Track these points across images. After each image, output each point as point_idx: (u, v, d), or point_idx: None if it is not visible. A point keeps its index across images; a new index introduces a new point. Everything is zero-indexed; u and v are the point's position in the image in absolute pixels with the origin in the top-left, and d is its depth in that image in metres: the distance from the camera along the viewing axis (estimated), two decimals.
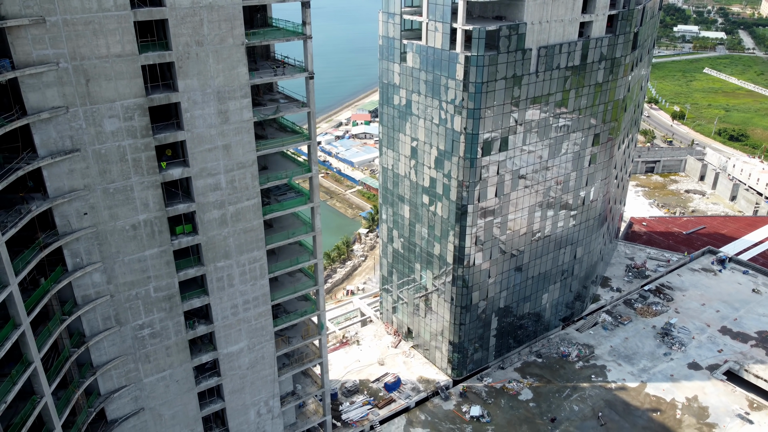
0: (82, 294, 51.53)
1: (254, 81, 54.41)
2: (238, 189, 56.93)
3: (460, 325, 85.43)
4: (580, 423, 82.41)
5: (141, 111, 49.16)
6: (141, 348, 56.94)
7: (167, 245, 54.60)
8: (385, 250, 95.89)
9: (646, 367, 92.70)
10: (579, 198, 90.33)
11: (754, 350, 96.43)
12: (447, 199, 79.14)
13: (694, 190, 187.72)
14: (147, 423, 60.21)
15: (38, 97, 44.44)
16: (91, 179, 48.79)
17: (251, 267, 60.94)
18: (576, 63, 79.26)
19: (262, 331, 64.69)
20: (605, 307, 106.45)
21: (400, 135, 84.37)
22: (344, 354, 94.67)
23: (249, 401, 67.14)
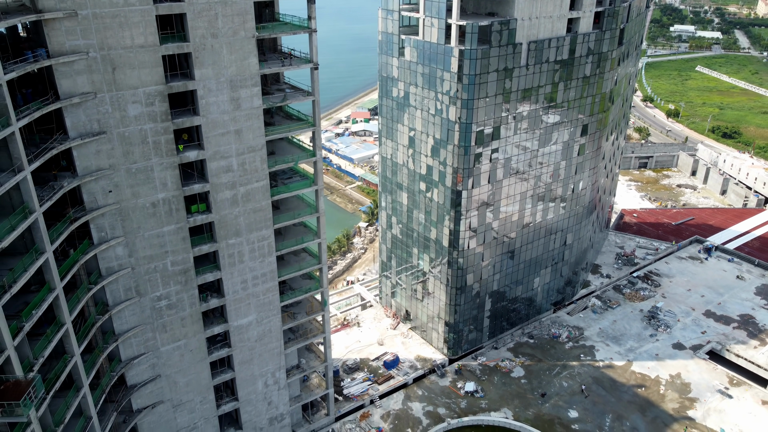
0: (106, 266, 56.19)
1: (264, 71, 59.07)
2: (249, 171, 61.58)
3: (455, 306, 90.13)
4: (569, 398, 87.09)
5: (161, 97, 53.84)
6: (158, 318, 61.59)
7: (183, 222, 59.27)
8: (385, 236, 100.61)
9: (633, 347, 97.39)
10: (568, 186, 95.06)
11: (735, 332, 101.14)
12: (443, 186, 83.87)
13: (686, 184, 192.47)
14: (163, 389, 64.84)
15: (70, 83, 49.08)
16: (116, 160, 53.45)
17: (260, 245, 65.57)
18: (564, 57, 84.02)
19: (270, 305, 69.31)
20: (595, 293, 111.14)
21: (398, 125, 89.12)
22: (345, 335, 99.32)
23: (257, 372, 71.75)
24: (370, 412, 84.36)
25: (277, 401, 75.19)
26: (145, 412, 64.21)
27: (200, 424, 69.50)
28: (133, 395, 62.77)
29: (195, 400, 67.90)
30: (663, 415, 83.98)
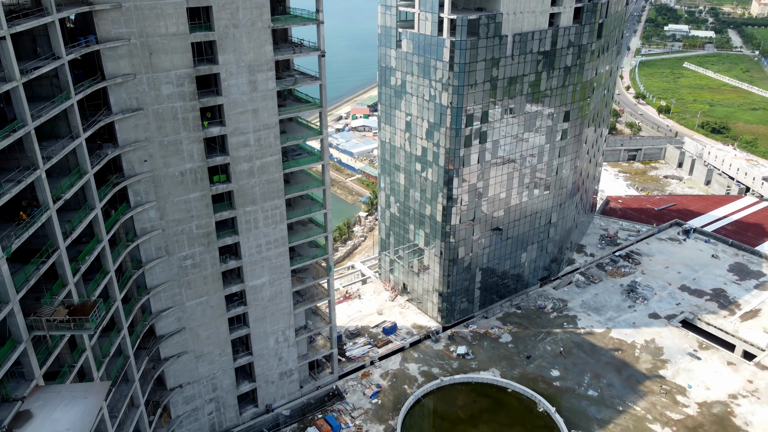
0: (140, 227, 64.55)
1: (277, 57, 67.45)
2: (264, 146, 69.93)
3: (448, 278, 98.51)
4: (552, 360, 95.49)
5: (190, 79, 62.21)
6: (184, 276, 69.91)
7: (207, 190, 67.62)
8: (384, 215, 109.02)
9: (612, 317, 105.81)
10: (552, 168, 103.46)
11: (707, 303, 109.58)
12: (436, 165, 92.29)
13: (672, 175, 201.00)
14: (187, 340, 73.12)
15: (114, 65, 57.45)
16: (151, 133, 61.81)
17: (273, 213, 73.90)
18: (547, 48, 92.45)
19: (281, 269, 77.63)
20: (579, 269, 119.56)
21: (396, 111, 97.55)
22: (347, 306, 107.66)
23: (269, 329, 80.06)
24: (371, 371, 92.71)
25: (286, 357, 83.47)
26: (171, 361, 72.50)
27: (219, 374, 77.78)
28: (161, 344, 71.06)
29: (215, 352, 76.18)
30: (636, 374, 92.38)
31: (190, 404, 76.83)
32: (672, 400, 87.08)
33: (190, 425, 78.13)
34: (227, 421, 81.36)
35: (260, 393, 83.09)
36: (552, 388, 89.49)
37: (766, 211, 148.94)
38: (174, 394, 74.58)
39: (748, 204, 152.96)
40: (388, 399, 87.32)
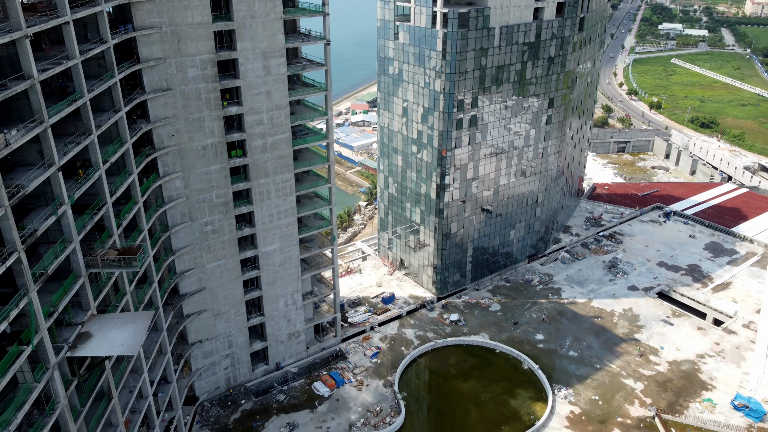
0: (168, 194, 73.12)
1: (288, 45, 76.00)
2: (275, 125, 78.50)
3: (442, 251, 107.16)
4: (537, 326, 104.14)
5: (212, 63, 70.79)
6: (205, 240, 78.48)
7: (225, 163, 76.17)
8: (382, 195, 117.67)
9: (594, 289, 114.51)
10: (538, 151, 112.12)
11: (683, 277, 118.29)
12: (431, 147, 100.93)
13: (659, 166, 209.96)
14: (206, 299, 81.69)
15: (147, 50, 66.01)
16: (178, 111, 70.37)
17: (283, 185, 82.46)
18: (531, 40, 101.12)
19: (290, 237, 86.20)
20: (565, 248, 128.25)
21: (394, 98, 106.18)
22: (349, 280, 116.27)
23: (279, 293, 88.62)
24: (371, 335, 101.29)
25: (294, 319, 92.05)
26: (192, 318, 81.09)
27: (234, 332, 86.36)
28: (184, 302, 79.64)
29: (231, 311, 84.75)
30: (614, 338, 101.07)
31: (208, 359, 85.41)
32: (645, 360, 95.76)
33: (208, 378, 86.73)
34: (241, 376, 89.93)
35: (271, 351, 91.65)
36: (536, 349, 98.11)
37: (743, 196, 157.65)
38: (194, 348, 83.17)
39: (727, 190, 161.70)
40: (387, 359, 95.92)
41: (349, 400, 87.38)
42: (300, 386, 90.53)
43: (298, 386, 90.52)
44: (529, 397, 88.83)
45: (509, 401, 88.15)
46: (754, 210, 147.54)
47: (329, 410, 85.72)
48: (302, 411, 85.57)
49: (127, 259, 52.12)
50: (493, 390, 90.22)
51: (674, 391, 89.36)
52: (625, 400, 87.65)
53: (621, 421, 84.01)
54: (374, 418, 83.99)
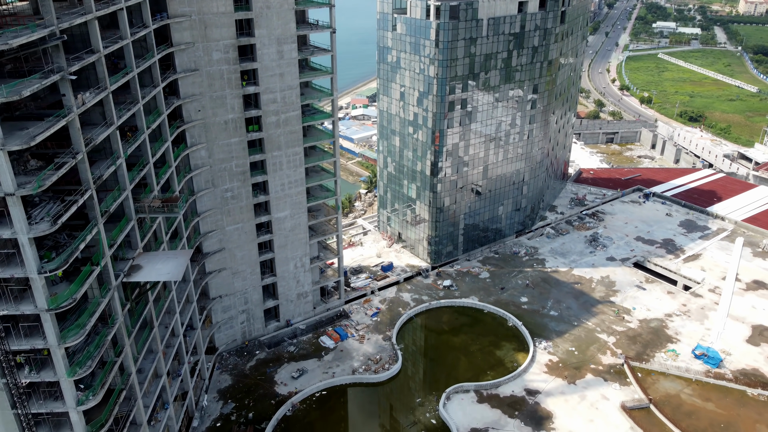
0: (194, 163, 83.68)
1: (299, 32, 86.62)
2: (287, 103, 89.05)
3: (436, 223, 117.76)
4: (522, 290, 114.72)
5: (233, 48, 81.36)
6: (225, 205, 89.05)
7: (244, 137, 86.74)
8: (382, 174, 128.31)
9: (575, 259, 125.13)
10: (524, 133, 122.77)
11: (657, 250, 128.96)
12: (425, 127, 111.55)
13: (645, 155, 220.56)
14: (226, 258, 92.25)
15: (179, 36, 76.60)
16: (203, 89, 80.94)
17: (293, 158, 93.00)
18: (516, 31, 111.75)
19: (299, 205, 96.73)
20: (550, 224, 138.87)
21: (392, 84, 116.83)
22: (351, 251, 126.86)
23: (289, 255, 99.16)
24: (371, 298, 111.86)
25: (303, 281, 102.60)
26: (213, 274, 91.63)
27: (249, 290, 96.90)
28: (207, 260, 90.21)
29: (247, 270, 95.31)
30: (591, 300, 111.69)
31: (227, 313, 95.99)
32: (618, 318, 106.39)
33: (227, 331, 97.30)
34: (255, 331, 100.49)
35: (282, 309, 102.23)
36: (520, 309, 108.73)
37: (720, 180, 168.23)
38: (215, 303, 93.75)
39: (705, 175, 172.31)
40: (386, 317, 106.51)
41: (352, 351, 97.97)
42: (308, 340, 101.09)
43: (306, 340, 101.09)
44: (513, 349, 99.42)
45: (495, 352, 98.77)
46: (728, 192, 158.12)
47: (334, 359, 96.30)
48: (310, 360, 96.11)
49: (169, 205, 62.74)
50: (480, 343, 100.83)
51: (643, 343, 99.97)
52: (598, 351, 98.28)
53: (594, 367, 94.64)
54: (374, 365, 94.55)
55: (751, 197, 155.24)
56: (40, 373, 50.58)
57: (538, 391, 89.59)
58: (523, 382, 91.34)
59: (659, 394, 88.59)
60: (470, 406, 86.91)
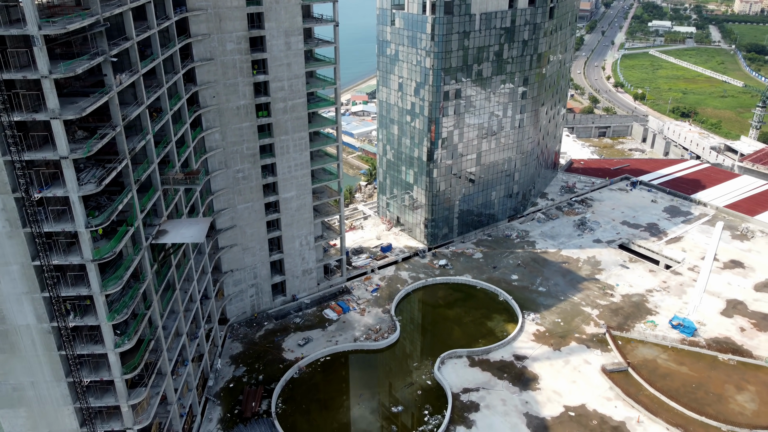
0: (209, 145, 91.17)
1: (305, 25, 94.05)
2: (294, 91, 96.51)
3: (432, 206, 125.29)
4: (512, 269, 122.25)
5: (245, 39, 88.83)
6: (236, 185, 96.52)
7: (254, 122, 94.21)
8: (381, 161, 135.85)
9: (564, 242, 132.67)
10: (515, 122, 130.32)
11: (642, 233, 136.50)
12: (422, 116, 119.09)
13: (636, 148, 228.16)
14: (237, 235, 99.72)
15: (196, 27, 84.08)
16: (218, 77, 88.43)
17: (299, 142, 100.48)
18: (507, 25, 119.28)
19: (305, 186, 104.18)
20: (541, 210, 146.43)
21: (391, 76, 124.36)
22: (352, 234, 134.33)
23: (295, 234, 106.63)
24: (371, 276, 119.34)
25: (308, 258, 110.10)
26: (225, 250, 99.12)
27: (258, 265, 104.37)
28: (219, 236, 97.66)
29: (256, 247, 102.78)
30: (578, 277, 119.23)
31: (237, 286, 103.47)
32: (602, 294, 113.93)
33: (237, 303, 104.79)
34: (263, 304, 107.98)
35: (288, 285, 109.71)
36: (511, 286, 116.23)
37: (706, 170, 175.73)
38: (226, 276, 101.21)
39: (691, 165, 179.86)
40: (385, 293, 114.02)
41: (353, 322, 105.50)
42: (312, 313, 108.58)
43: (311, 313, 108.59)
44: (503, 320, 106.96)
45: (486, 323, 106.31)
46: (712, 181, 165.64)
47: (337, 329, 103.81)
48: (315, 330, 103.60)
49: (191, 178, 70.28)
50: (473, 315, 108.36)
51: (624, 315, 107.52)
52: (582, 322, 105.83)
53: (578, 336, 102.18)
54: (374, 334, 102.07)
55: (733, 186, 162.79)
56: (84, 318, 58.02)
57: (525, 357, 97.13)
58: (511, 349, 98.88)
59: (637, 359, 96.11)
60: (463, 369, 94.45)
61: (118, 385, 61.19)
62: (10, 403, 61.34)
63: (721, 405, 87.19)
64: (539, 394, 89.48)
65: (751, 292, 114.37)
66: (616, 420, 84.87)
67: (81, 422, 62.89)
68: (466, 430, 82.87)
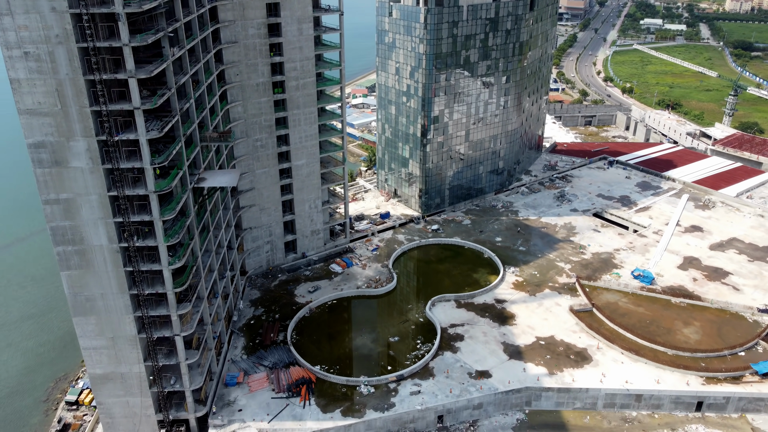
0: (233, 116, 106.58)
1: (315, 14, 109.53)
2: (305, 71, 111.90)
3: (426, 178, 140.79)
4: (497, 233, 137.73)
5: (264, 25, 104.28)
6: (255, 153, 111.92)
7: (271, 97, 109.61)
8: (380, 139, 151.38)
9: (544, 211, 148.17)
10: (500, 103, 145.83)
11: (614, 204, 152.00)
12: (417, 96, 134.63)
13: (619, 135, 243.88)
14: (255, 196, 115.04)
15: (224, 15, 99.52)
16: (241, 57, 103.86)
17: (309, 116, 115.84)
18: (492, 16, 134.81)
19: (313, 156, 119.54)
20: (525, 184, 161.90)
21: (389, 61, 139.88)
22: (354, 204, 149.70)
23: (305, 198, 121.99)
24: (371, 239, 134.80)
25: (316, 220, 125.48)
26: (245, 209, 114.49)
27: (273, 224, 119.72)
28: (240, 196, 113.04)
29: (271, 208, 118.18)
30: (554, 239, 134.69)
31: (255, 243, 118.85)
32: (575, 252, 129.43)
33: (255, 258, 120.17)
34: (277, 260, 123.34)
35: (298, 243, 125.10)
36: (495, 246, 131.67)
37: (679, 152, 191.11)
38: (246, 233, 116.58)
39: (666, 148, 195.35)
40: (384, 252, 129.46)
41: (356, 274, 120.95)
42: (320, 267, 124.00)
43: (319, 267, 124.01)
44: (487, 273, 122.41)
45: (472, 274, 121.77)
46: (684, 161, 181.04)
47: (342, 280, 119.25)
48: (323, 280, 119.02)
49: (224, 136, 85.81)
50: (461, 269, 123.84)
51: (593, 269, 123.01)
52: (556, 274, 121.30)
53: (551, 285, 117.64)
54: (374, 284, 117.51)
55: (702, 165, 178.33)
56: (146, 241, 73.41)
57: (505, 301, 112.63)
58: (493, 295, 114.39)
59: (601, 302, 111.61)
60: (450, 310, 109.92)
61: (170, 297, 76.56)
62: (83, 312, 76.61)
63: (670, 336, 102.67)
64: (515, 328, 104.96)
65: (706, 251, 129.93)
66: (579, 347, 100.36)
67: (139, 329, 78.25)
68: (452, 354, 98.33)
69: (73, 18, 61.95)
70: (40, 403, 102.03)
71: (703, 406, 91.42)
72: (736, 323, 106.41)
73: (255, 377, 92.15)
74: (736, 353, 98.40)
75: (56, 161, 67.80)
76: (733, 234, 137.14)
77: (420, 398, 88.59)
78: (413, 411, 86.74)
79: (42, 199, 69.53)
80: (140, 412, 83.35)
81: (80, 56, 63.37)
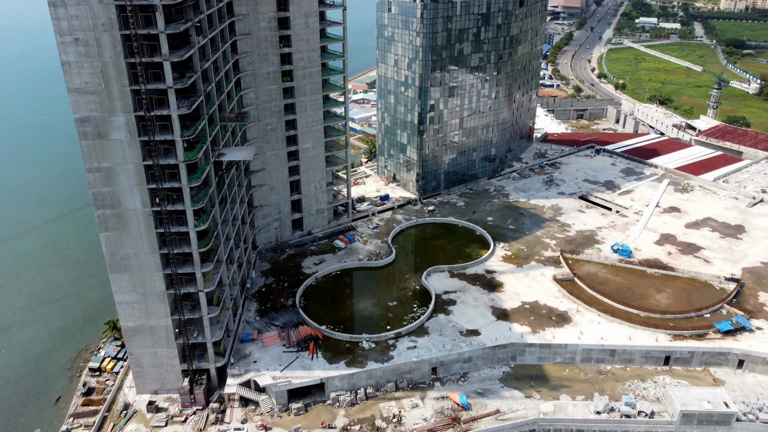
0: (246, 102, 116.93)
1: (320, 9, 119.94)
2: (311, 61, 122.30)
3: (423, 163, 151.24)
4: (489, 213, 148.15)
5: (274, 19, 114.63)
6: (265, 136, 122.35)
7: (280, 85, 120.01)
8: (380, 126, 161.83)
9: (533, 194, 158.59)
10: (492, 93, 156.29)
11: (599, 188, 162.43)
12: (414, 86, 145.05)
13: (609, 128, 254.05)
14: (265, 176, 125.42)
15: (239, 9, 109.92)
16: (253, 48, 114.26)
17: (315, 102, 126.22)
18: (483, 11, 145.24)
19: (319, 139, 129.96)
20: (516, 170, 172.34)
21: (388, 53, 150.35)
22: (355, 188, 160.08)
23: (311, 179, 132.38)
24: (372, 218, 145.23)
25: (321, 200, 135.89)
26: (256, 188, 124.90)
27: (282, 203, 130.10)
28: (252, 176, 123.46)
29: (280, 187, 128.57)
30: (541, 219, 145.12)
31: (265, 219, 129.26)
32: (560, 230, 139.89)
33: (265, 233, 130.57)
34: (285, 236, 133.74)
35: (305, 221, 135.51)
36: (487, 225, 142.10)
37: (664, 142, 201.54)
38: (257, 210, 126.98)
39: (651, 138, 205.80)
40: (384, 230, 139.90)
41: (358, 249, 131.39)
42: (325, 243, 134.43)
43: (324, 243, 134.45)
44: (478, 248, 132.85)
45: (465, 249, 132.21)
46: (667, 150, 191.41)
47: (345, 254, 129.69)
48: (327, 254, 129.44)
49: (240, 116, 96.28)
50: (454, 244, 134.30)
51: (576, 244, 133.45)
52: (542, 249, 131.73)
53: (537, 258, 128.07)
54: (375, 257, 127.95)
55: (685, 153, 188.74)
56: (175, 205, 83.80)
57: (494, 271, 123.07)
58: (483, 266, 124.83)
59: (582, 273, 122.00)
60: (444, 279, 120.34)
61: (195, 256, 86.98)
62: (118, 269, 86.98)
63: (643, 301, 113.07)
64: (503, 294, 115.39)
65: (682, 229, 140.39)
66: (560, 310, 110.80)
67: (167, 285, 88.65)
68: (445, 316, 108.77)
69: (117, 8, 72.34)
70: (64, 371, 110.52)
71: (671, 360, 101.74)
72: (704, 290, 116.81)
73: (267, 335, 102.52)
74: (702, 315, 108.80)
75: (99, 134, 78.19)
76: (708, 214, 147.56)
77: (416, 352, 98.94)
78: (410, 363, 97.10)
79: (86, 167, 79.88)
80: (167, 361, 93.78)
81: (122, 42, 73.75)
